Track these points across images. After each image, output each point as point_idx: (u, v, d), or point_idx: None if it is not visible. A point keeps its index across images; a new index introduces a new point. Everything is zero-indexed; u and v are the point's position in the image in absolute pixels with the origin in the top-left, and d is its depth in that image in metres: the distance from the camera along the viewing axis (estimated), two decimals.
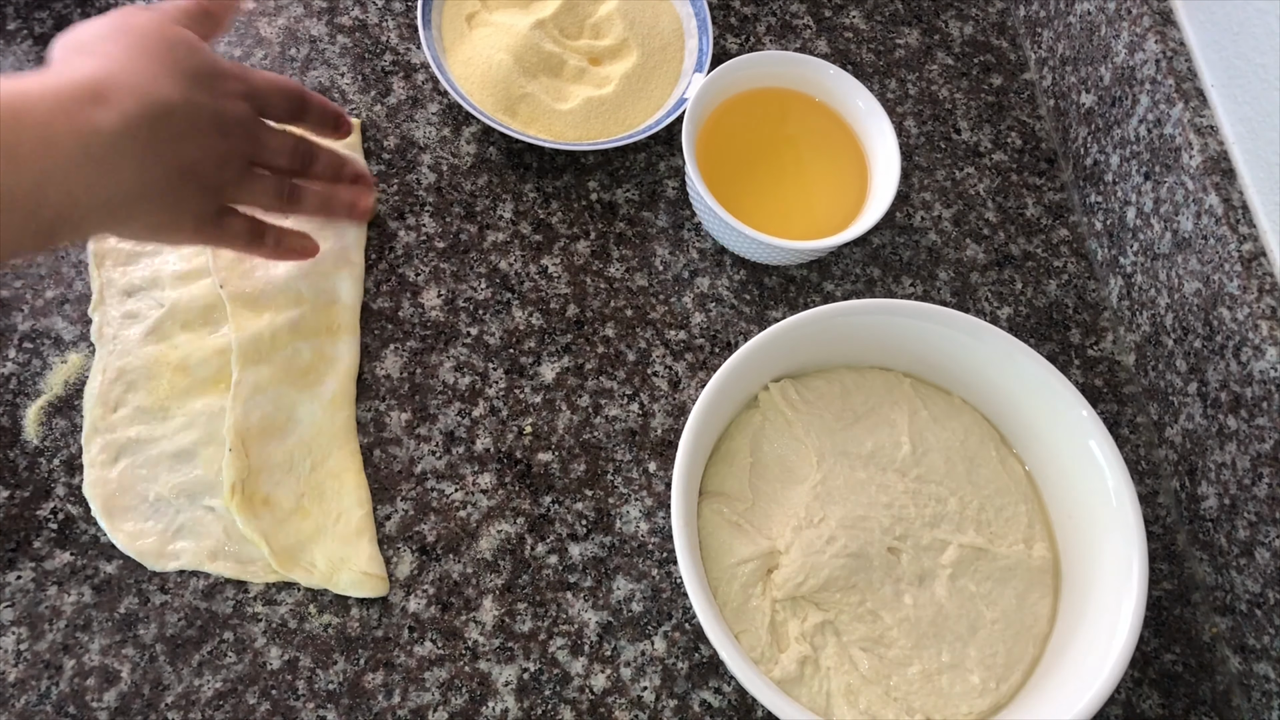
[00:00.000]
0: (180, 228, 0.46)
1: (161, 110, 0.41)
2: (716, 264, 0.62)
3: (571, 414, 0.56)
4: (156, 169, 0.42)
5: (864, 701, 0.47)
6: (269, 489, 0.51)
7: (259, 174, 0.49)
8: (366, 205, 0.55)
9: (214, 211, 0.47)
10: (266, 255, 0.53)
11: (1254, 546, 0.52)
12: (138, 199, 0.42)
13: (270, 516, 0.50)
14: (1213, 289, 0.54)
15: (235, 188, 0.48)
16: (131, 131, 0.40)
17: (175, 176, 0.43)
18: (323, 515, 0.51)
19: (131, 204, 0.42)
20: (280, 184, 0.50)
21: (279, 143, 0.49)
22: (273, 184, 0.49)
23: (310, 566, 0.50)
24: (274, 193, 0.49)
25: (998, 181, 0.67)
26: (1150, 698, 0.53)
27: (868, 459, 0.52)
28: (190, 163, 0.44)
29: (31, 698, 0.46)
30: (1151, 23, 0.60)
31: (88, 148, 0.39)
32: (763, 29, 0.70)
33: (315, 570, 0.50)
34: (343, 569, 0.50)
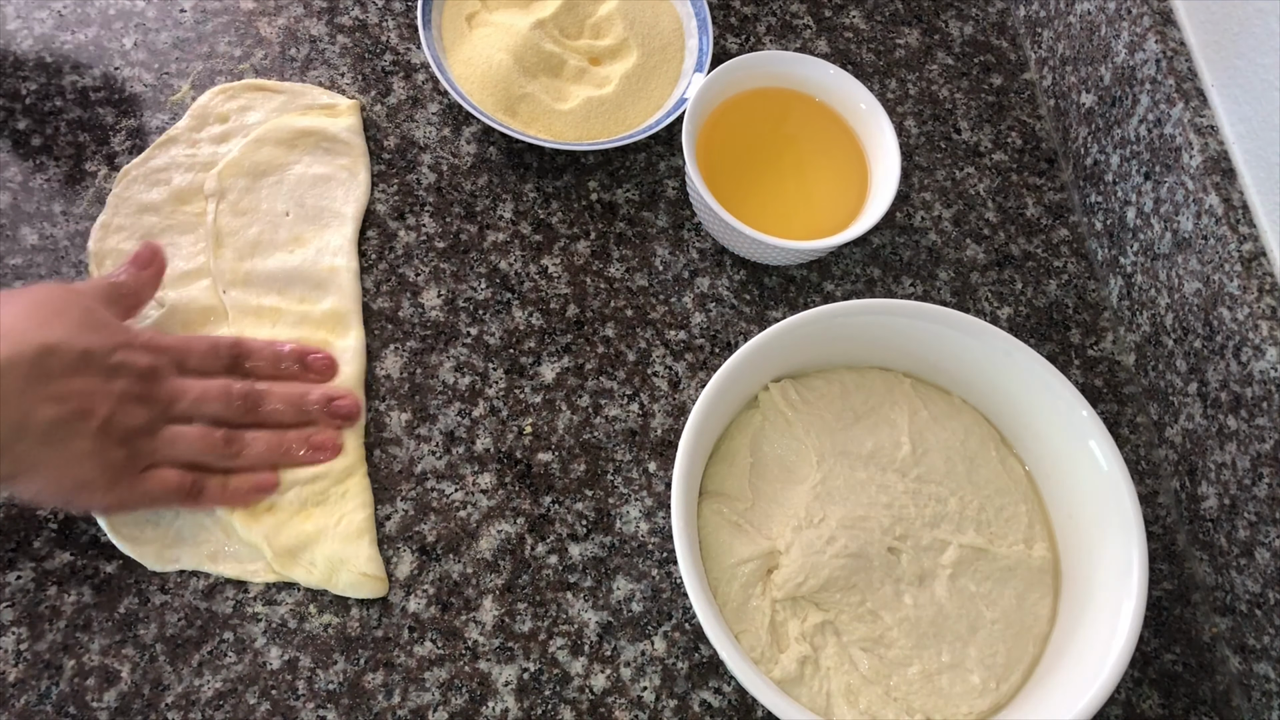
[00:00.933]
0: (90, 483, 0.43)
1: (44, 349, 0.41)
2: (716, 264, 0.62)
3: (571, 414, 0.56)
4: (40, 410, 0.41)
5: (864, 701, 0.47)
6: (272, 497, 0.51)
7: (181, 427, 0.46)
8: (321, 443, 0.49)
9: (129, 466, 0.45)
10: (207, 507, 0.48)
11: (1254, 546, 0.52)
12: (19, 437, 0.40)
13: (272, 520, 0.50)
14: (1213, 289, 0.54)
15: (149, 441, 0.45)
16: (11, 370, 0.40)
17: (64, 418, 0.41)
18: (325, 517, 0.51)
19: (16, 444, 0.40)
20: (209, 435, 0.46)
21: (203, 390, 0.46)
22: (199, 435, 0.46)
23: (310, 566, 0.50)
24: (203, 446, 0.46)
25: (998, 181, 0.67)
26: (1150, 698, 0.53)
27: (868, 459, 0.52)
28: (79, 406, 0.42)
29: (31, 698, 0.46)
30: (1151, 23, 0.60)
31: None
32: (763, 29, 0.70)
33: (315, 570, 0.50)
34: (342, 569, 0.50)
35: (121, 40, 0.62)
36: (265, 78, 0.62)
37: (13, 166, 0.58)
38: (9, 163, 0.58)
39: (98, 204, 0.57)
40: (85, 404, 0.42)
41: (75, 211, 0.57)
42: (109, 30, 0.62)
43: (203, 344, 0.48)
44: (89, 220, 0.56)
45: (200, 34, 0.63)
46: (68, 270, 0.55)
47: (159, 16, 0.63)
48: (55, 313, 0.43)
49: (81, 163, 0.58)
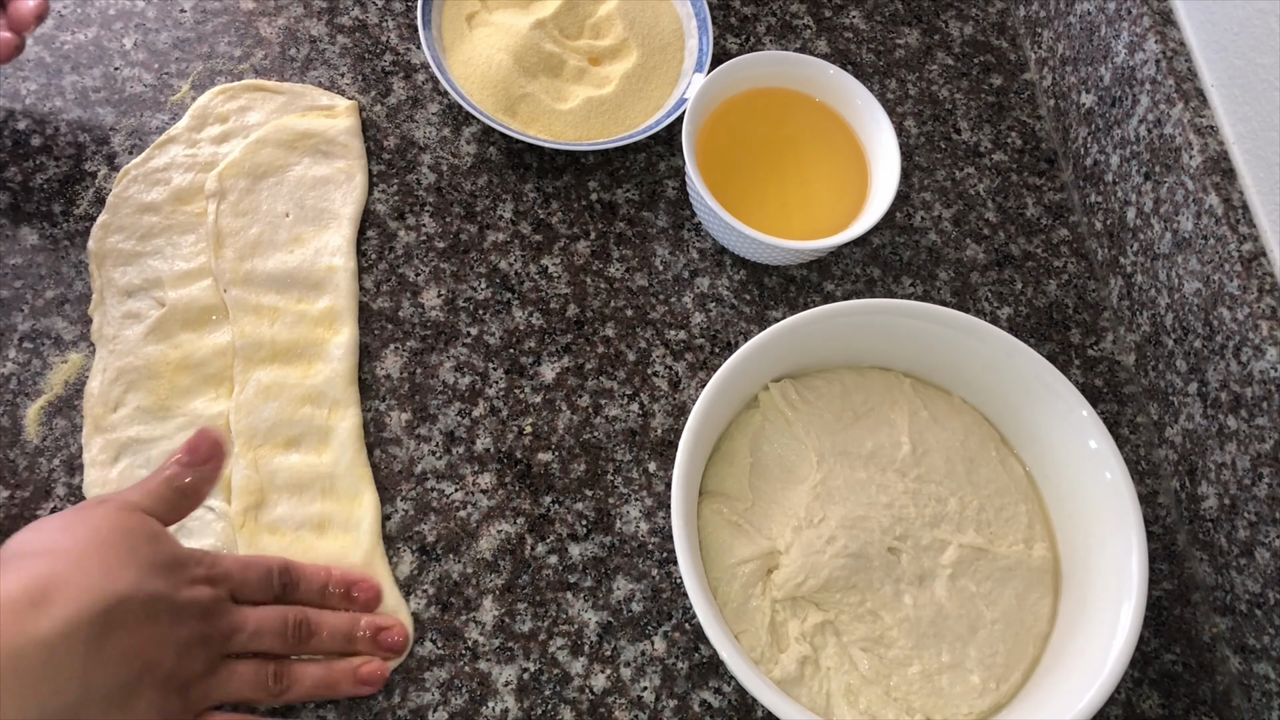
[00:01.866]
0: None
1: (110, 606, 0.37)
2: (716, 264, 0.62)
3: (571, 414, 0.56)
4: (103, 673, 0.37)
5: (864, 701, 0.47)
6: (275, 513, 0.51)
7: (235, 664, 0.44)
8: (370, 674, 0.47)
9: (186, 711, 0.42)
10: None
11: (1254, 546, 0.52)
12: (80, 709, 0.37)
13: (275, 543, 0.50)
14: (1213, 289, 0.54)
15: (205, 684, 0.42)
16: (74, 634, 0.36)
17: (128, 678, 0.38)
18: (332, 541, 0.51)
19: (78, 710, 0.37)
20: (262, 671, 0.44)
21: (259, 622, 0.44)
22: (252, 672, 0.44)
23: None
24: (255, 683, 0.44)
25: (998, 181, 0.67)
26: (1150, 698, 0.53)
27: (868, 459, 0.52)
28: (145, 660, 0.39)
29: None
30: (1151, 23, 0.60)
31: (20, 660, 0.35)
32: (763, 29, 0.70)
33: None
34: None
35: (121, 40, 0.62)
36: (265, 78, 0.62)
37: (13, 166, 0.58)
38: (9, 163, 0.58)
39: (98, 204, 0.57)
40: (151, 657, 0.39)
41: (75, 211, 0.57)
42: (109, 30, 0.62)
43: (258, 570, 0.45)
44: (89, 220, 0.56)
45: (200, 34, 0.63)
46: (68, 270, 0.55)
47: (159, 16, 0.63)
48: (126, 554, 0.39)
49: (81, 163, 0.58)
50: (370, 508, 0.51)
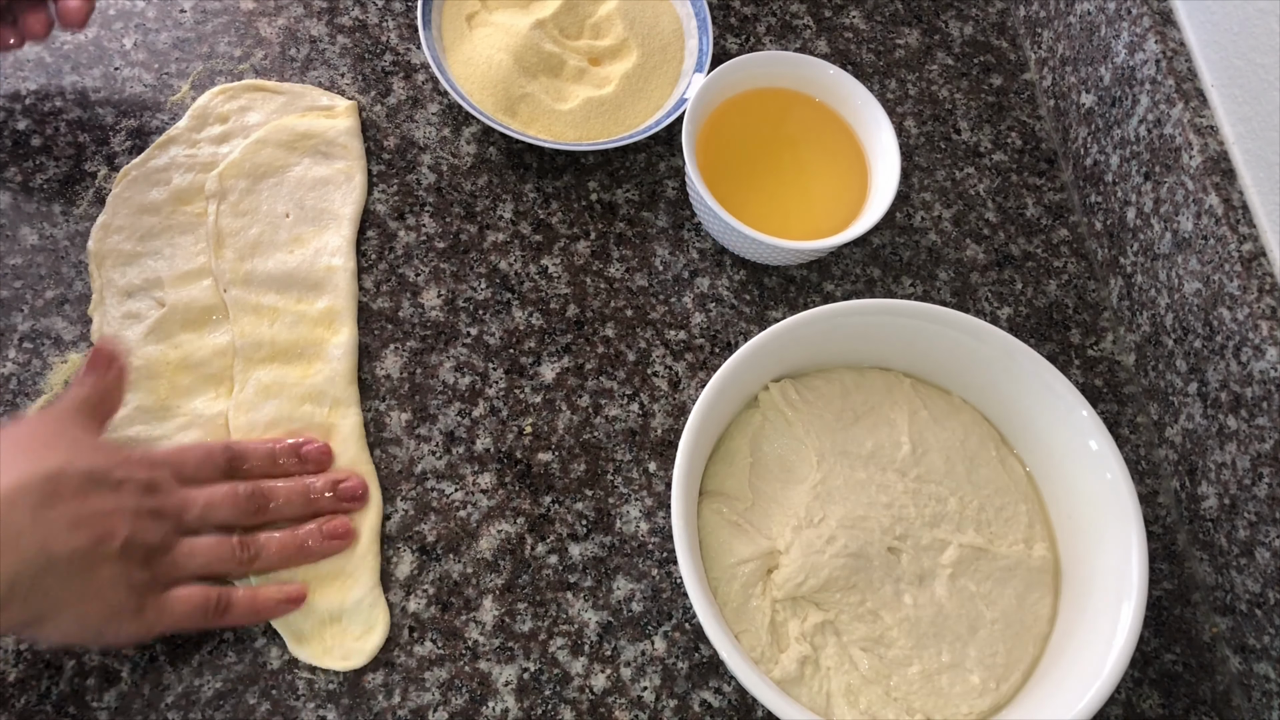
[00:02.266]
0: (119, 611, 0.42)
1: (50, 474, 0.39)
2: (716, 264, 0.62)
3: (571, 414, 0.56)
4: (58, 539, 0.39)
5: (864, 701, 0.47)
6: None
7: (196, 539, 0.45)
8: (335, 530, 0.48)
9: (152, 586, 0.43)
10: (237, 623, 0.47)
11: (1254, 546, 0.52)
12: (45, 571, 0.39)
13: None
14: (1213, 289, 0.54)
15: (169, 559, 0.44)
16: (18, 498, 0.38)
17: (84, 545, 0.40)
18: None
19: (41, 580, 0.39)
20: (225, 543, 0.45)
21: (209, 497, 0.45)
22: (215, 544, 0.45)
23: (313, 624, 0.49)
24: (221, 555, 0.45)
25: (998, 181, 0.67)
26: (1150, 698, 0.53)
27: (868, 459, 0.52)
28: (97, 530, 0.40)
29: (31, 698, 0.46)
30: (1151, 23, 0.60)
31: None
32: (763, 29, 0.70)
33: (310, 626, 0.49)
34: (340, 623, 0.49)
35: (121, 40, 0.62)
36: (265, 78, 0.62)
37: (13, 166, 0.58)
38: (9, 163, 0.58)
39: (98, 204, 0.57)
40: (105, 525, 0.41)
41: (75, 212, 0.57)
42: (109, 30, 0.62)
43: (197, 452, 0.46)
44: (89, 220, 0.56)
45: (200, 34, 0.63)
46: (68, 270, 0.55)
47: (159, 16, 0.63)
48: (45, 443, 0.41)
49: (81, 163, 0.58)
50: (373, 508, 0.51)
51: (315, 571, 0.49)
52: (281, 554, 0.47)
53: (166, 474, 0.45)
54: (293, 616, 0.49)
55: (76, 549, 0.40)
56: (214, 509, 0.45)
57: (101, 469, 0.42)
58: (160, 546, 0.43)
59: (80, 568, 0.40)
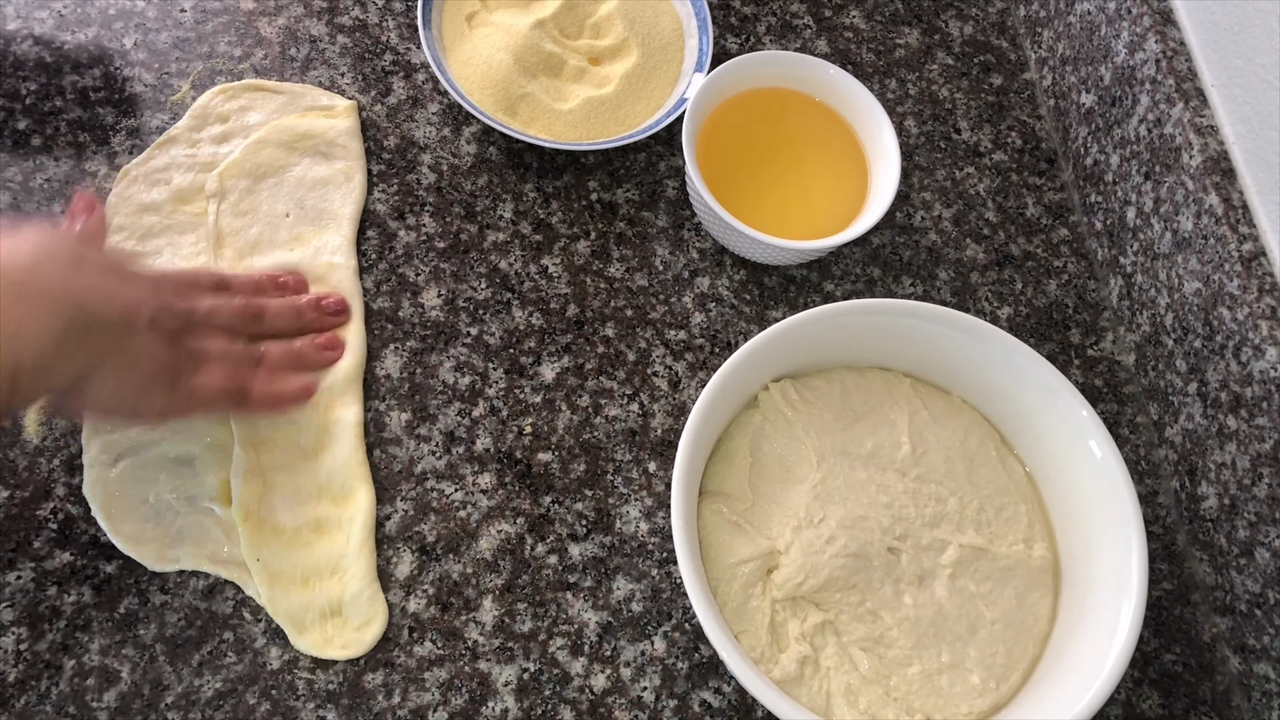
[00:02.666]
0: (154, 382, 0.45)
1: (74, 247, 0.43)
2: (716, 264, 0.62)
3: (571, 414, 0.56)
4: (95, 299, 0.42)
5: (864, 701, 0.47)
6: (276, 512, 0.51)
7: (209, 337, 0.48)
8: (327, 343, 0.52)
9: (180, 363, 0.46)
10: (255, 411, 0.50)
11: (1254, 546, 0.52)
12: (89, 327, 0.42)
13: (277, 541, 0.50)
14: (1213, 289, 0.54)
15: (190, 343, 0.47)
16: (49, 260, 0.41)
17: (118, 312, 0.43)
18: (328, 545, 0.51)
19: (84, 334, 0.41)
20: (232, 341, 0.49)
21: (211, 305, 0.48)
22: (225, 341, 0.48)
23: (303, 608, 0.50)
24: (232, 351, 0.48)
25: (998, 181, 0.67)
26: (1150, 698, 0.53)
27: (868, 459, 0.52)
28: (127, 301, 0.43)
29: (31, 698, 0.46)
30: (1151, 23, 0.60)
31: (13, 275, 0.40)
32: (763, 29, 0.70)
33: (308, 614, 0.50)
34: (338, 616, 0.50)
35: (121, 40, 0.62)
36: (265, 78, 0.62)
37: (13, 166, 0.58)
38: (9, 163, 0.58)
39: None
40: (132, 298, 0.44)
41: None
42: (109, 30, 0.62)
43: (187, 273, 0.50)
44: None
45: (200, 34, 0.63)
46: None
47: (159, 16, 0.63)
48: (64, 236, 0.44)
49: (81, 163, 0.58)
50: (365, 504, 0.52)
51: (314, 565, 0.50)
52: (284, 359, 0.50)
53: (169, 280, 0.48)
54: (294, 608, 0.49)
55: (110, 314, 0.42)
56: (216, 313, 0.48)
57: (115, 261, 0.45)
58: (182, 329, 0.46)
59: (117, 330, 0.43)
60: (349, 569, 0.50)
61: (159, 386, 0.46)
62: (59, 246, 0.42)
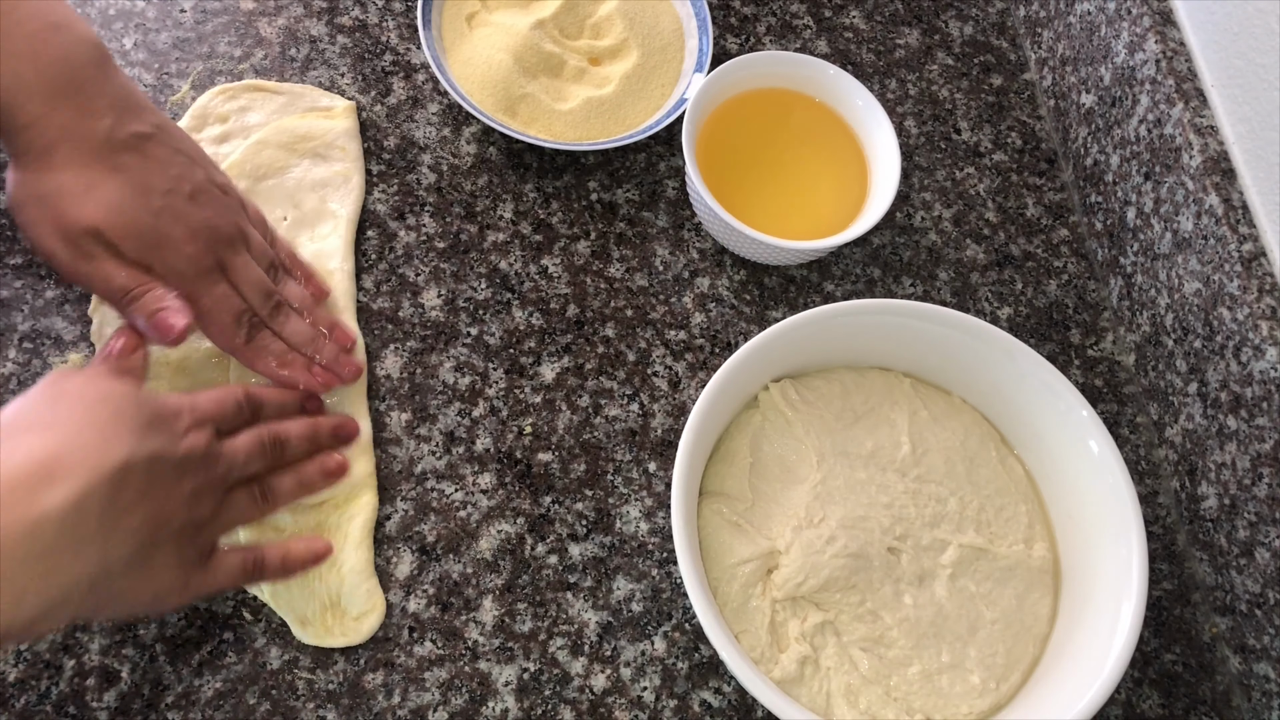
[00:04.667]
0: (168, 590, 0.41)
1: (116, 472, 0.37)
2: (716, 264, 0.62)
3: (571, 414, 0.56)
4: (119, 540, 0.38)
5: (864, 701, 0.47)
6: (277, 515, 0.51)
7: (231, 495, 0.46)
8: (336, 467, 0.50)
9: (200, 555, 0.43)
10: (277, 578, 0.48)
11: (1254, 546, 0.52)
12: (102, 579, 0.37)
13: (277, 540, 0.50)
14: (1213, 289, 0.54)
15: (215, 522, 0.44)
16: (85, 505, 0.36)
17: (144, 540, 0.39)
18: None
19: (97, 587, 0.37)
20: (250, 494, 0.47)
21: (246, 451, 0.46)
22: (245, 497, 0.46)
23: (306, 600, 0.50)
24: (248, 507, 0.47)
25: (998, 181, 0.67)
26: (1150, 698, 0.53)
27: (868, 459, 0.52)
28: (158, 520, 0.39)
29: (31, 698, 0.46)
30: (1151, 23, 0.60)
31: (36, 538, 0.34)
32: (763, 29, 0.70)
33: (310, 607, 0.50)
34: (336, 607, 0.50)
35: (121, 40, 0.62)
36: (265, 78, 0.62)
37: None
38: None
39: None
40: (163, 515, 0.40)
41: None
42: (109, 30, 0.62)
43: (228, 403, 0.47)
44: None
45: (200, 34, 0.63)
46: None
47: (159, 16, 0.63)
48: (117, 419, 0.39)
49: None
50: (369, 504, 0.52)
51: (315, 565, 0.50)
52: (293, 492, 0.49)
53: (212, 432, 0.44)
54: (296, 601, 0.49)
55: (138, 546, 0.38)
56: (250, 462, 0.46)
57: (167, 452, 0.40)
58: (209, 517, 0.43)
59: (137, 564, 0.39)
60: (347, 562, 0.50)
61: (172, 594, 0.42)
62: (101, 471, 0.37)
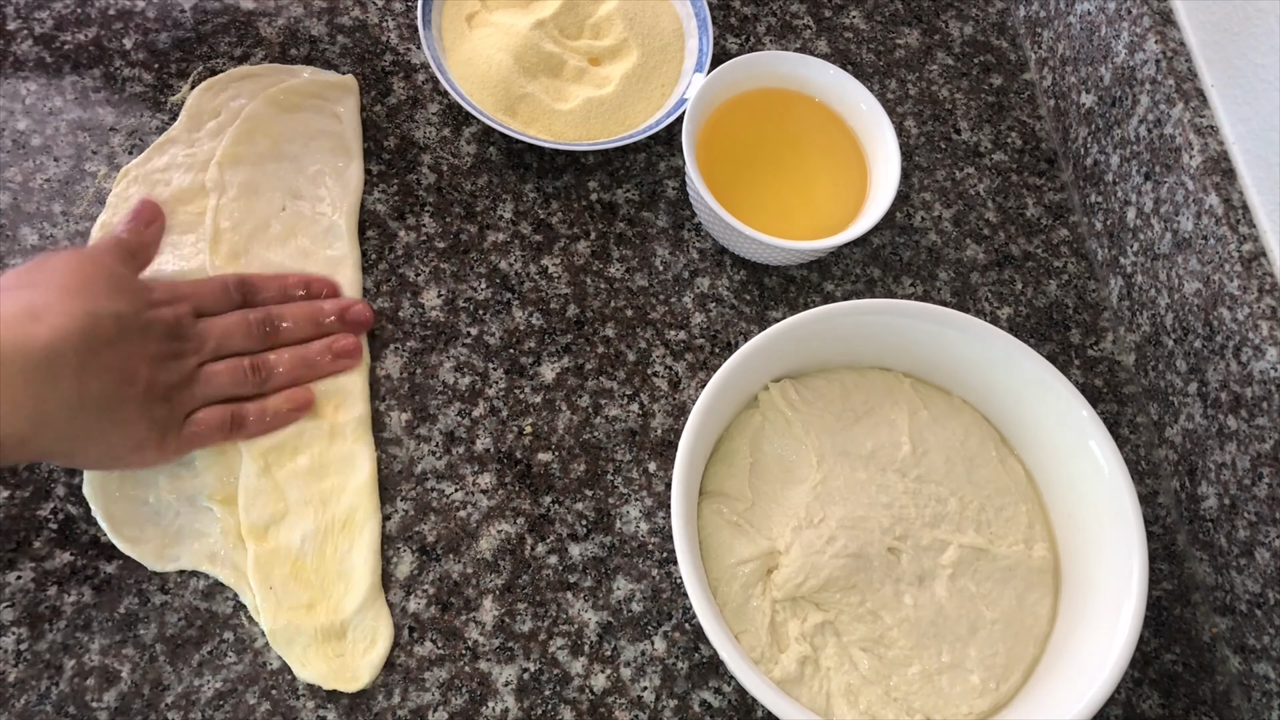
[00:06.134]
0: (142, 444, 0.46)
1: (89, 321, 0.43)
2: (716, 264, 0.62)
3: (571, 414, 0.56)
4: (92, 381, 0.43)
5: (864, 702, 0.47)
6: (290, 536, 0.50)
7: (211, 368, 0.49)
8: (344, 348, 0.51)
9: (173, 419, 0.47)
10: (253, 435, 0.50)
11: (1254, 546, 0.52)
12: (79, 411, 0.43)
13: (286, 565, 0.50)
14: (1213, 289, 0.54)
15: (187, 391, 0.48)
16: (66, 342, 0.42)
17: (112, 386, 0.44)
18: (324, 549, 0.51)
19: (75, 419, 0.43)
20: (238, 367, 0.49)
21: (224, 328, 0.48)
22: (229, 370, 0.49)
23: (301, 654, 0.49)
24: (235, 380, 0.49)
25: (998, 181, 0.67)
26: (1150, 698, 0.53)
27: (868, 459, 0.52)
28: (123, 373, 0.44)
29: (31, 698, 0.46)
30: (1151, 23, 0.60)
31: (27, 360, 0.41)
32: (763, 29, 0.70)
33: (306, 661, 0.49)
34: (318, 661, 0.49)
35: (121, 40, 0.62)
36: None
37: (13, 167, 0.58)
38: (9, 163, 0.58)
39: (98, 204, 0.57)
40: (128, 371, 0.44)
41: (75, 212, 0.57)
42: (109, 30, 0.62)
43: (213, 285, 0.50)
44: (89, 220, 0.56)
45: (200, 34, 0.63)
46: None
47: (159, 16, 0.63)
48: (87, 281, 0.44)
49: (81, 163, 0.58)
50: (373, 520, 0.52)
51: (322, 589, 0.50)
52: (291, 371, 0.50)
53: (187, 310, 0.48)
54: (295, 638, 0.48)
55: (103, 392, 0.43)
56: (229, 338, 0.48)
57: (130, 313, 0.45)
58: (180, 383, 0.47)
59: (107, 407, 0.44)
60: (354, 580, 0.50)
61: (148, 447, 0.46)
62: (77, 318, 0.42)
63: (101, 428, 0.44)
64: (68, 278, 0.44)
